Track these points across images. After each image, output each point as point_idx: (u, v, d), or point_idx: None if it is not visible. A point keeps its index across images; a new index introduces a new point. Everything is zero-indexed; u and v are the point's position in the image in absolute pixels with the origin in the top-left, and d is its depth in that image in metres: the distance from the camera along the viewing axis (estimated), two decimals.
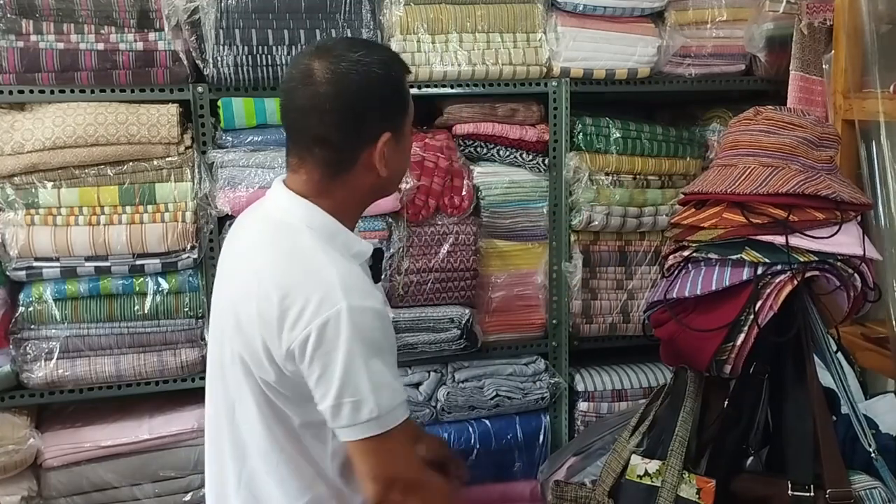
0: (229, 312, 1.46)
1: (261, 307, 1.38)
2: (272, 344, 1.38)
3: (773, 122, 1.64)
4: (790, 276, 1.53)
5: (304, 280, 1.38)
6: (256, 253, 1.46)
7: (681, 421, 1.61)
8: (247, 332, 1.42)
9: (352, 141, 1.43)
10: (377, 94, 1.43)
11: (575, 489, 1.81)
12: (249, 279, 1.43)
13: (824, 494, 1.48)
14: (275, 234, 1.46)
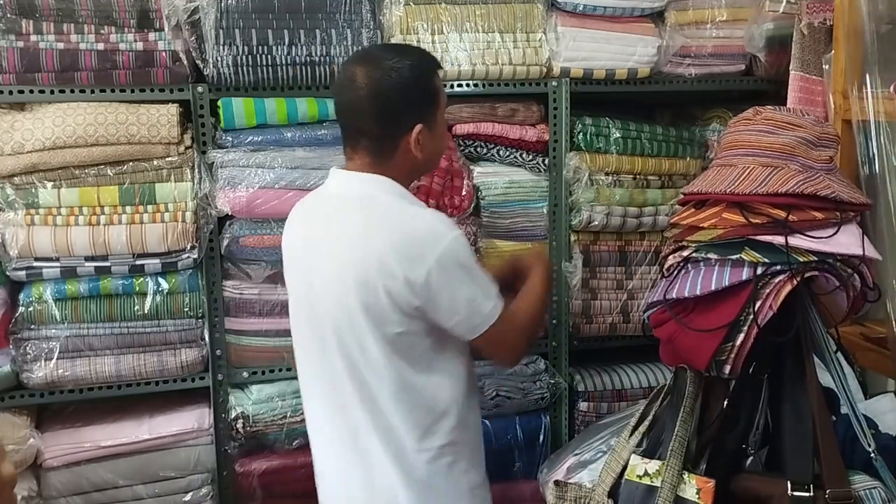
0: (339, 283, 1.67)
1: (382, 262, 1.63)
2: (396, 290, 1.63)
3: (772, 122, 1.64)
4: (789, 276, 1.53)
5: (409, 228, 1.67)
6: (351, 223, 1.71)
7: (680, 421, 1.61)
8: (368, 290, 1.64)
9: (390, 133, 1.71)
10: (408, 94, 1.71)
11: (575, 489, 1.81)
12: (356, 244, 1.67)
13: (824, 494, 1.48)
14: (362, 204, 1.72)
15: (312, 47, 2.28)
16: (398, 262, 1.63)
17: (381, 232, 1.66)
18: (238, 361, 2.38)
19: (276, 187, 2.26)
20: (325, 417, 1.81)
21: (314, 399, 1.84)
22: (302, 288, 1.81)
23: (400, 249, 1.63)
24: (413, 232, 1.67)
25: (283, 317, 2.36)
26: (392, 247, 1.64)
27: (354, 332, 1.69)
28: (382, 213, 1.70)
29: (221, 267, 2.33)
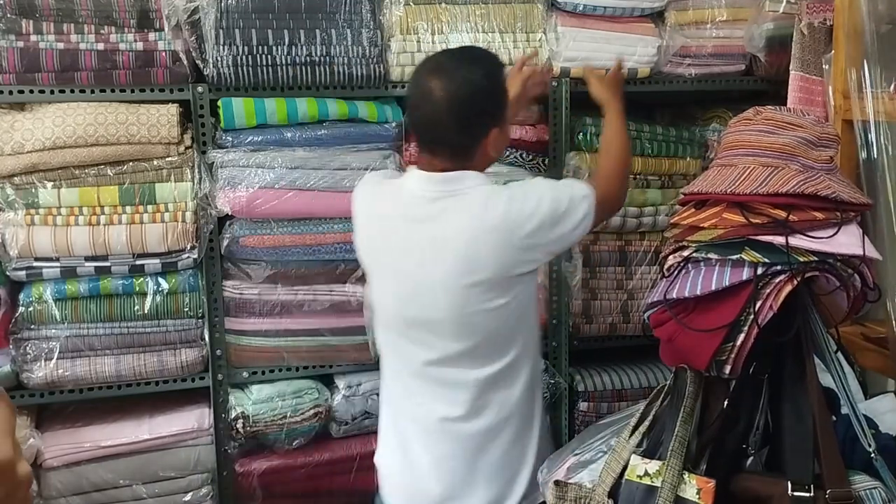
0: (462, 274, 1.77)
1: (507, 224, 1.76)
2: (515, 248, 1.77)
3: (772, 122, 1.64)
4: (790, 276, 1.53)
5: (507, 194, 1.79)
6: (453, 210, 1.79)
7: (681, 421, 1.61)
8: (482, 262, 1.76)
9: (470, 142, 1.81)
10: (485, 105, 1.80)
11: (575, 489, 1.81)
12: (466, 226, 1.77)
13: (824, 494, 1.48)
14: (456, 192, 1.81)
15: (312, 47, 2.28)
16: (510, 224, 1.76)
17: (490, 217, 1.77)
18: (238, 361, 2.38)
19: (276, 187, 2.26)
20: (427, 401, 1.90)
21: (402, 383, 1.94)
22: (407, 285, 1.84)
23: (510, 222, 1.76)
24: (515, 208, 1.78)
25: (282, 317, 2.36)
26: (504, 224, 1.76)
27: (469, 310, 1.79)
28: (482, 193, 1.81)
29: (221, 267, 2.33)
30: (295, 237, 2.30)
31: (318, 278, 2.36)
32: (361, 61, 2.31)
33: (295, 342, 2.38)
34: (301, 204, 2.29)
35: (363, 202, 1.98)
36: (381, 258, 1.92)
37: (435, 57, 1.90)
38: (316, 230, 2.32)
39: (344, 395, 2.43)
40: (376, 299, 1.96)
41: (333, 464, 2.44)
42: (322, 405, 2.41)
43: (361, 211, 1.97)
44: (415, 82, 1.85)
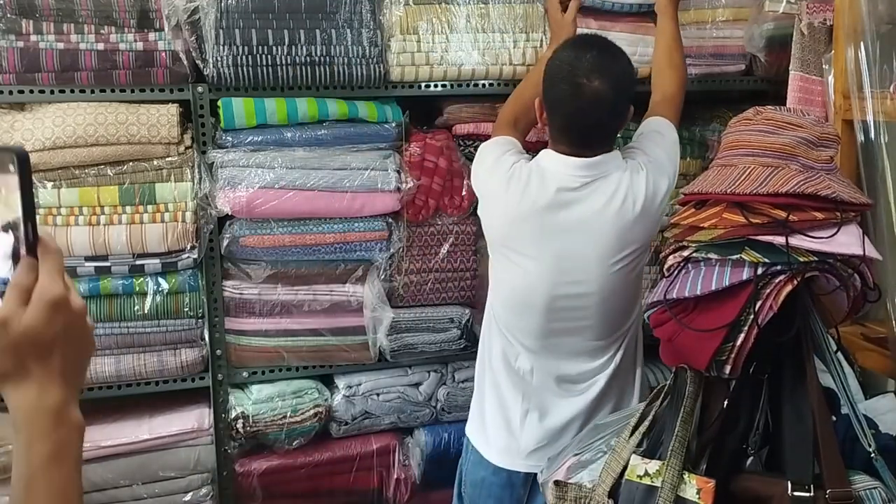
0: (604, 239, 1.93)
1: (649, 202, 1.97)
2: (655, 219, 2.00)
3: (772, 122, 1.63)
4: (790, 276, 1.53)
5: (646, 172, 1.98)
6: (602, 192, 1.94)
7: (680, 421, 1.61)
8: (632, 237, 1.96)
9: (619, 125, 1.99)
10: (631, 92, 1.96)
11: (575, 489, 1.81)
12: (616, 206, 1.93)
13: (824, 494, 1.48)
14: (604, 175, 1.95)
15: (312, 47, 2.28)
16: (653, 204, 1.98)
17: (633, 187, 1.96)
18: (238, 361, 2.38)
19: (276, 187, 2.26)
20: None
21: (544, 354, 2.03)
22: (558, 265, 1.94)
23: (650, 199, 1.97)
24: (652, 184, 1.98)
25: (283, 317, 2.36)
26: (648, 201, 1.96)
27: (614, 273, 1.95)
28: (623, 172, 1.97)
29: (221, 267, 2.33)
30: (295, 237, 2.31)
31: (318, 278, 2.37)
32: (361, 61, 2.31)
33: (295, 342, 2.38)
34: (301, 204, 2.29)
35: (500, 184, 1.98)
36: (526, 241, 1.96)
37: (584, 56, 1.91)
38: (316, 230, 2.32)
39: (344, 395, 2.43)
40: (507, 279, 2.01)
41: (333, 464, 2.44)
42: (322, 405, 2.41)
43: (498, 194, 1.99)
44: (572, 82, 1.87)
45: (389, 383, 2.48)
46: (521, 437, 2.04)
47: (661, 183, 1.99)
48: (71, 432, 0.80)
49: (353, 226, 2.34)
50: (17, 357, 0.77)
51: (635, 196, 1.95)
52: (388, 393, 2.47)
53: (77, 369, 0.82)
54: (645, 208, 1.96)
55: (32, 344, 0.77)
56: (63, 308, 0.78)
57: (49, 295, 0.77)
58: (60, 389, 0.79)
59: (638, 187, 1.96)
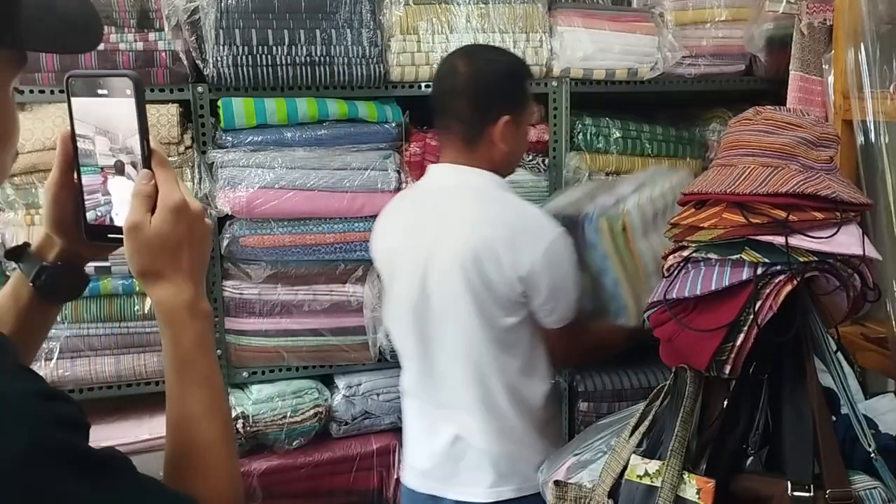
0: (454, 272, 1.81)
1: (492, 250, 1.78)
2: (504, 278, 1.79)
3: (772, 122, 1.64)
4: (790, 276, 1.53)
5: (519, 222, 1.83)
6: (467, 211, 1.87)
7: (680, 421, 1.61)
8: (479, 278, 1.80)
9: (481, 117, 1.86)
10: (503, 84, 1.88)
11: (575, 489, 1.81)
12: (470, 232, 1.82)
13: (824, 494, 1.48)
14: (476, 194, 1.88)
15: (312, 47, 2.28)
16: (511, 258, 1.78)
17: (492, 221, 1.83)
18: (238, 361, 2.38)
19: (276, 187, 2.27)
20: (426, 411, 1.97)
21: (418, 398, 2.00)
22: (413, 283, 1.89)
23: (509, 240, 1.79)
24: (524, 224, 1.83)
25: (283, 317, 2.36)
26: (502, 236, 1.79)
27: (467, 327, 1.84)
28: (495, 204, 1.87)
29: (221, 267, 2.33)
30: (295, 237, 2.31)
31: (318, 278, 2.37)
32: (361, 61, 2.31)
33: (295, 342, 2.38)
34: (301, 204, 2.29)
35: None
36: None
37: (468, 46, 2.07)
38: (316, 230, 2.32)
39: (344, 395, 2.43)
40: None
41: (333, 464, 2.44)
42: (322, 405, 2.41)
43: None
44: (442, 63, 1.99)
45: (389, 383, 2.47)
46: (415, 455, 2.04)
47: (500, 265, 1.80)
48: (206, 321, 0.91)
49: (353, 226, 2.34)
50: (151, 257, 0.86)
51: (476, 239, 1.81)
52: (388, 393, 2.47)
53: (202, 266, 0.91)
54: (476, 263, 1.80)
55: (162, 246, 0.86)
56: (185, 211, 0.87)
57: (171, 201, 0.86)
58: (191, 285, 0.89)
59: (482, 237, 1.81)
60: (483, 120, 1.87)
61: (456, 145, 1.90)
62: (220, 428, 0.90)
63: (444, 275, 1.84)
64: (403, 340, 1.98)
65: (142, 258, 0.87)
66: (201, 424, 0.88)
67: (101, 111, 0.90)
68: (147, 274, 0.88)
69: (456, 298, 1.83)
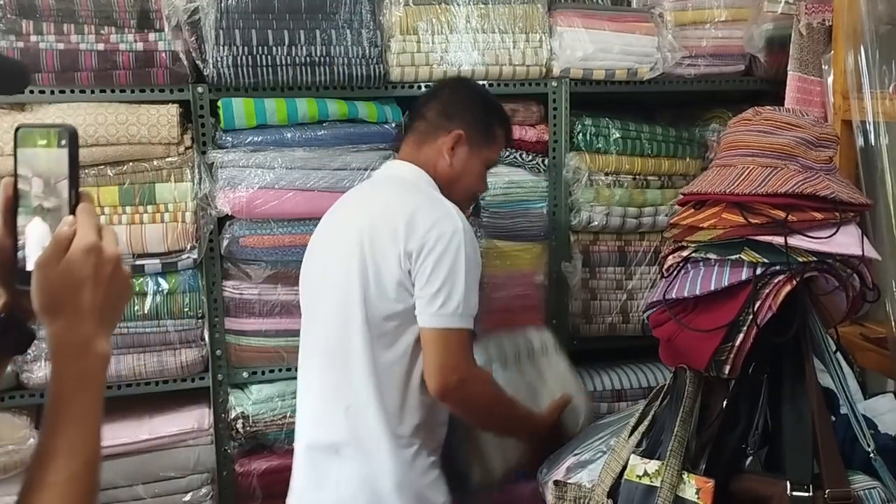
0: (352, 250, 1.80)
1: (394, 230, 1.77)
2: (396, 258, 1.76)
3: (771, 123, 1.64)
4: (789, 276, 1.53)
5: (427, 204, 1.82)
6: (378, 195, 1.92)
7: (680, 421, 1.61)
8: (376, 252, 1.78)
9: (439, 122, 1.94)
10: (472, 106, 1.98)
11: (574, 489, 1.81)
12: (378, 212, 1.83)
13: (823, 494, 1.48)
14: (399, 182, 1.92)
15: (312, 47, 2.28)
16: (406, 231, 1.76)
17: (401, 202, 1.82)
18: (238, 362, 2.38)
19: (275, 187, 2.27)
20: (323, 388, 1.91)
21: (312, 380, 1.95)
22: (320, 257, 1.94)
23: (412, 221, 1.77)
24: (431, 206, 1.81)
25: (282, 317, 2.36)
26: (407, 218, 1.77)
27: (349, 310, 1.80)
28: (413, 191, 1.87)
29: (221, 267, 2.33)
30: (295, 237, 2.30)
31: None
32: (361, 62, 2.31)
33: (295, 342, 2.37)
34: (301, 204, 2.29)
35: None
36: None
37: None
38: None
39: None
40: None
41: None
42: None
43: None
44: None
45: None
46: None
47: (396, 244, 1.77)
48: (96, 362, 0.94)
49: None
50: (52, 294, 0.88)
51: (380, 220, 1.82)
52: None
53: (110, 309, 0.92)
54: (374, 243, 1.80)
55: (65, 284, 0.88)
56: (95, 253, 0.89)
57: (83, 242, 0.89)
58: (90, 325, 0.90)
59: (387, 219, 1.81)
60: (438, 126, 1.94)
61: (410, 144, 1.98)
62: (76, 469, 0.94)
63: (343, 247, 1.84)
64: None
65: (43, 295, 0.88)
66: (57, 462, 0.91)
67: (41, 159, 0.93)
68: (46, 310, 0.89)
69: (348, 272, 1.81)
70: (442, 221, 1.78)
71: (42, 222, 0.92)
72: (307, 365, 1.97)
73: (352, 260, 1.81)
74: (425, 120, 1.98)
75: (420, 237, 1.76)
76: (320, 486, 1.88)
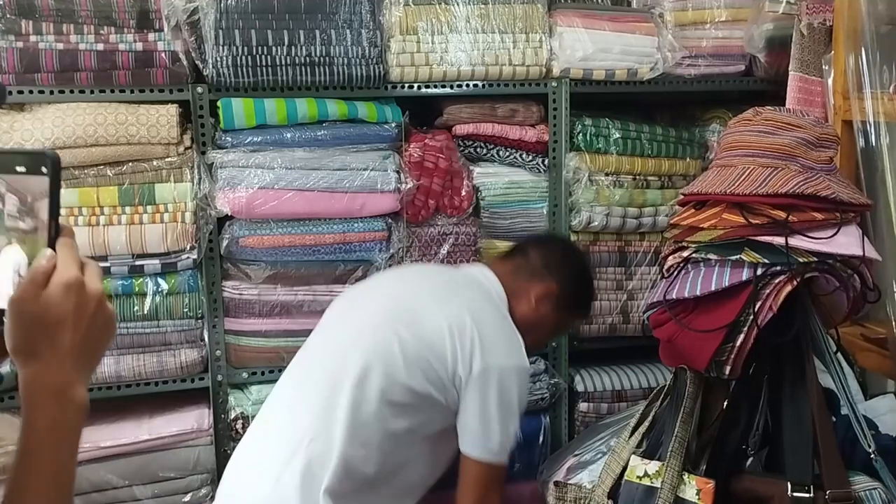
0: (408, 310, 1.84)
1: (460, 318, 1.79)
2: (447, 362, 1.76)
3: (772, 123, 1.64)
4: (789, 276, 1.53)
5: (504, 329, 1.84)
6: (464, 283, 1.95)
7: (680, 421, 1.61)
8: (429, 341, 1.78)
9: (538, 270, 1.99)
10: (572, 274, 2.04)
11: (574, 490, 1.81)
12: (450, 301, 1.85)
13: (824, 495, 1.48)
14: (480, 285, 1.94)
15: (312, 47, 2.28)
16: (474, 341, 1.77)
17: (480, 313, 1.82)
18: (237, 362, 2.38)
19: (275, 188, 2.26)
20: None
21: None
22: (345, 307, 2.00)
23: (483, 335, 1.78)
24: (503, 337, 1.83)
25: (282, 317, 2.36)
26: (479, 328, 1.78)
27: (379, 373, 1.75)
28: (492, 306, 1.88)
29: (221, 267, 2.33)
30: (294, 237, 2.30)
31: (318, 279, 2.36)
32: (361, 62, 2.31)
33: (294, 343, 2.37)
34: (300, 204, 2.29)
35: None
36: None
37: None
38: (315, 230, 2.32)
39: None
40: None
41: None
42: None
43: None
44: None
45: None
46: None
47: (454, 346, 1.78)
48: (72, 411, 0.82)
49: (353, 226, 2.34)
50: (27, 334, 0.80)
51: (442, 306, 1.84)
52: None
53: (91, 351, 0.84)
54: (431, 327, 1.80)
55: (41, 322, 0.80)
56: (75, 289, 0.81)
57: (64, 277, 0.81)
58: (67, 369, 0.81)
59: (449, 310, 1.82)
60: (536, 272, 1.99)
61: (505, 267, 2.02)
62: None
63: (403, 289, 1.91)
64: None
65: (17, 334, 0.80)
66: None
67: (18, 186, 0.87)
68: (20, 351, 0.80)
69: (388, 338, 1.78)
70: (511, 354, 1.82)
71: (17, 249, 0.84)
72: (288, 383, 1.96)
73: (396, 307, 1.86)
74: (527, 259, 2.03)
75: (483, 359, 1.77)
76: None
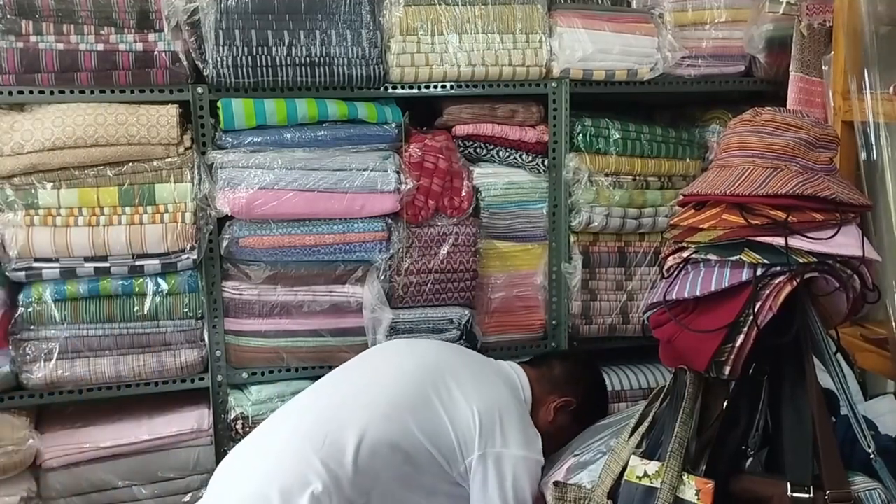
0: (438, 373, 1.93)
1: (488, 402, 1.88)
2: (473, 432, 1.84)
3: (771, 124, 1.64)
4: (789, 277, 1.53)
5: (525, 426, 1.93)
6: (494, 370, 2.07)
7: (680, 422, 1.61)
8: (452, 409, 1.86)
9: (560, 382, 2.12)
10: (591, 392, 2.20)
11: (574, 490, 1.81)
12: (479, 378, 1.96)
13: (823, 495, 1.48)
14: (511, 379, 2.07)
15: (312, 48, 2.28)
16: (496, 423, 1.86)
17: (507, 404, 1.92)
18: (237, 362, 2.38)
19: (275, 188, 2.26)
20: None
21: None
22: (365, 364, 2.06)
23: (505, 422, 1.87)
24: (524, 432, 1.90)
25: (282, 317, 2.36)
26: (502, 414, 1.88)
27: (397, 439, 1.80)
28: (518, 402, 1.99)
29: (221, 268, 2.33)
30: (294, 238, 2.30)
31: (318, 279, 2.36)
32: (361, 62, 2.31)
33: (294, 343, 2.38)
34: (300, 205, 2.29)
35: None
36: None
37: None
38: (315, 231, 2.32)
39: None
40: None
41: None
42: None
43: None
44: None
45: None
46: None
47: (470, 429, 1.86)
48: None
49: (353, 227, 2.34)
50: None
51: (482, 397, 1.91)
52: None
53: None
54: (450, 408, 1.88)
55: None
56: None
57: None
58: None
59: (488, 404, 1.90)
60: (558, 383, 2.11)
61: (535, 372, 2.12)
62: None
63: (403, 390, 1.90)
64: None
65: None
66: None
67: None
68: None
69: (412, 407, 1.85)
70: (530, 445, 1.90)
71: None
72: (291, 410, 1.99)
73: (433, 371, 1.95)
74: (551, 370, 2.15)
75: (502, 444, 1.85)
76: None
